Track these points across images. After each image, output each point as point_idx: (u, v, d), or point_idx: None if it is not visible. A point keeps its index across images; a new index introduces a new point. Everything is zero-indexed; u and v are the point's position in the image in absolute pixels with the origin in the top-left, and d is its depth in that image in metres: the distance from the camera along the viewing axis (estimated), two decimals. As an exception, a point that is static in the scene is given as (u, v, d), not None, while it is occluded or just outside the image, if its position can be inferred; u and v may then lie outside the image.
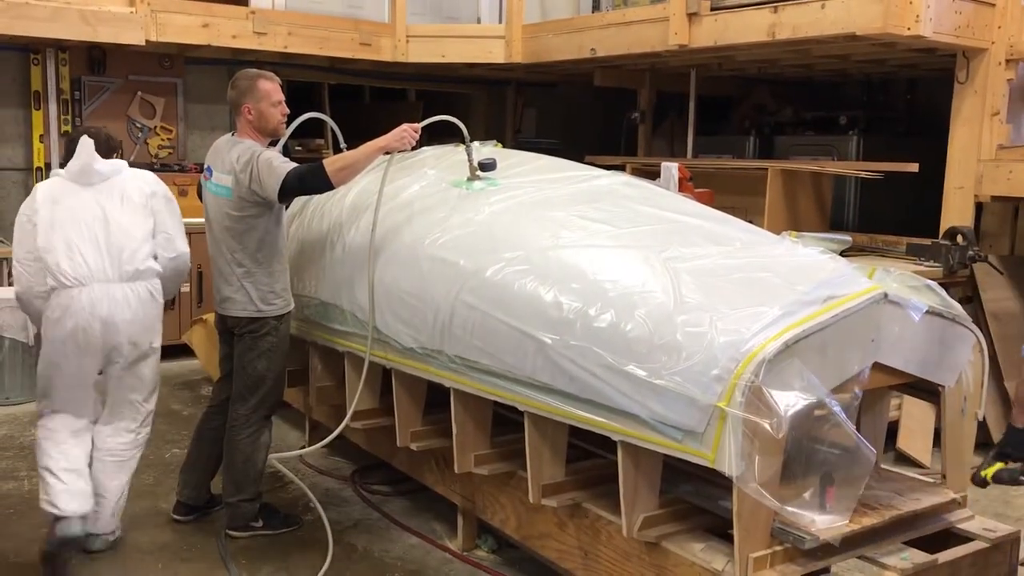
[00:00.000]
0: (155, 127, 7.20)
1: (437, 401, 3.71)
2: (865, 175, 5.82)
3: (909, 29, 4.89)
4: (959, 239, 5.13)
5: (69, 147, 3.68)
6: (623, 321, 2.75)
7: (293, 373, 4.56)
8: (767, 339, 2.51)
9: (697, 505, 2.97)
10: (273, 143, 3.80)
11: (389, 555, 3.75)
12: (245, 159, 3.59)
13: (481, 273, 3.19)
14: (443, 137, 4.59)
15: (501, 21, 7.52)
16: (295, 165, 3.57)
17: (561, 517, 3.20)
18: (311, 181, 3.54)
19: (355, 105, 9.43)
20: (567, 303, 2.91)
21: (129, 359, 3.59)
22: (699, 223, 3.27)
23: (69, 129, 6.78)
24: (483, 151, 4.00)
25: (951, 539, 2.96)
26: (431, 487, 3.97)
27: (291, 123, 3.87)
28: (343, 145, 4.00)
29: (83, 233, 3.51)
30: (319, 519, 3.79)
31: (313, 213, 4.34)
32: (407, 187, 3.86)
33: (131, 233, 3.57)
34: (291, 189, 3.56)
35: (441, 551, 3.78)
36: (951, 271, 5.11)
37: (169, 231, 3.73)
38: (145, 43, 6.35)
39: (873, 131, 7.40)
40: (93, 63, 6.88)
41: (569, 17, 7.16)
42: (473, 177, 3.73)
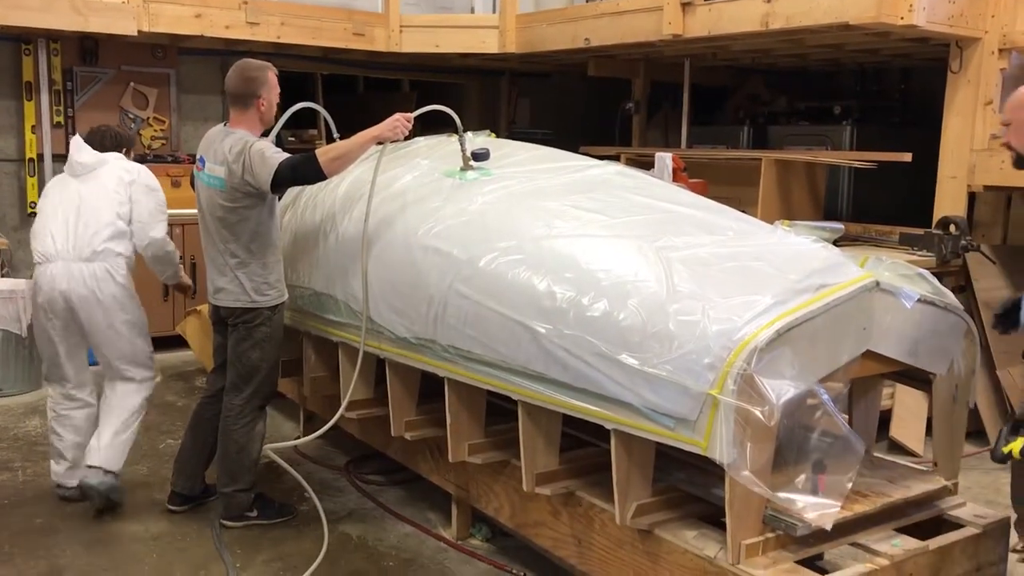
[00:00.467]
0: (148, 118, 7.17)
1: (431, 391, 3.71)
2: (859, 165, 5.83)
3: (902, 18, 4.89)
4: (952, 229, 5.14)
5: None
6: (616, 310, 2.76)
7: (287, 363, 4.57)
8: (759, 327, 2.52)
9: (690, 493, 2.98)
10: (264, 133, 3.80)
11: (384, 544, 3.76)
12: (238, 149, 3.58)
13: (474, 263, 3.20)
14: (437, 127, 4.58)
15: (495, 11, 7.49)
16: (288, 155, 3.57)
17: (555, 505, 3.21)
18: (304, 171, 3.54)
19: (349, 96, 9.40)
20: (560, 292, 2.91)
21: (96, 332, 3.90)
22: (692, 212, 3.27)
23: (61, 120, 6.77)
24: (476, 141, 3.99)
25: (942, 526, 2.98)
26: (425, 476, 3.98)
27: (284, 114, 3.87)
28: (336, 135, 4.00)
29: (58, 217, 3.91)
30: (314, 509, 3.80)
31: (306, 203, 4.33)
32: (400, 177, 3.86)
33: (98, 217, 3.89)
34: (284, 179, 3.56)
35: (436, 540, 3.80)
36: (944, 260, 5.13)
37: (143, 219, 3.98)
38: (137, 33, 6.32)
39: (867, 121, 7.40)
40: (85, 53, 6.84)
41: (563, 7, 7.13)
42: (466, 167, 3.73)
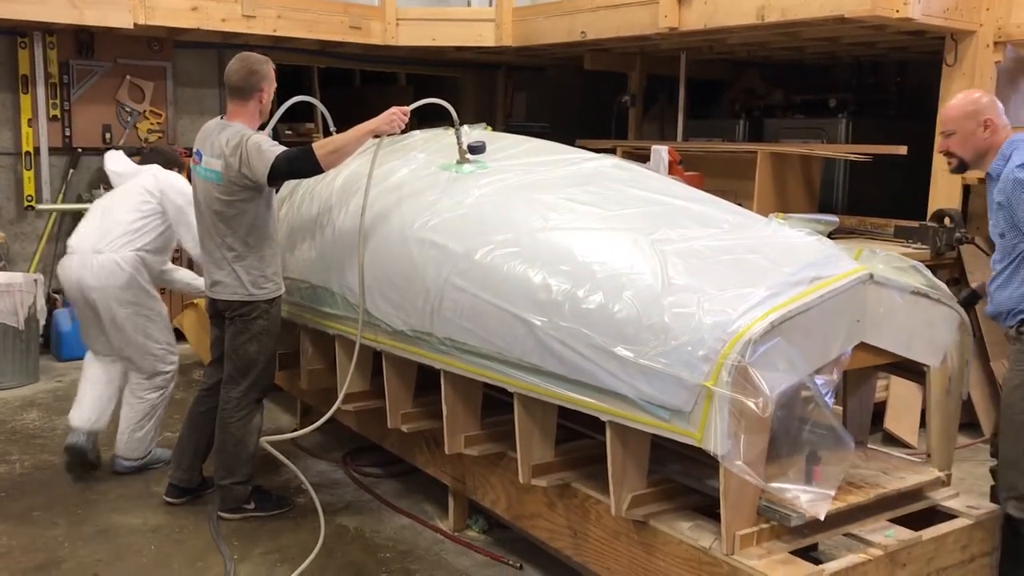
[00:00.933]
0: (144, 111, 7.16)
1: (427, 383, 3.73)
2: (854, 158, 5.84)
3: (898, 11, 4.90)
4: (946, 221, 5.16)
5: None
6: (611, 302, 2.77)
7: (284, 356, 4.58)
8: (753, 319, 2.53)
9: (685, 484, 2.99)
10: (261, 127, 3.80)
11: (380, 536, 3.78)
12: (235, 143, 3.58)
13: (470, 256, 3.21)
14: (433, 121, 4.58)
15: (491, 4, 7.47)
16: (284, 148, 3.58)
17: (551, 497, 3.22)
18: (300, 164, 3.55)
19: (345, 89, 9.40)
20: (556, 285, 2.92)
21: (105, 320, 4.19)
22: (687, 205, 3.28)
23: (58, 113, 6.76)
24: (472, 134, 4.00)
25: (936, 516, 2.99)
26: (422, 468, 4.00)
27: (280, 107, 3.88)
28: (332, 129, 4.00)
29: (90, 218, 4.36)
30: (311, 501, 3.81)
31: (303, 197, 4.34)
32: (397, 170, 3.86)
33: (118, 216, 4.24)
34: (280, 172, 3.56)
35: (432, 532, 3.82)
36: (938, 253, 5.15)
37: (173, 223, 4.30)
38: (134, 26, 6.30)
39: (862, 114, 7.42)
40: (81, 46, 6.82)
41: (559, 0, 7.13)
42: (462, 160, 3.73)
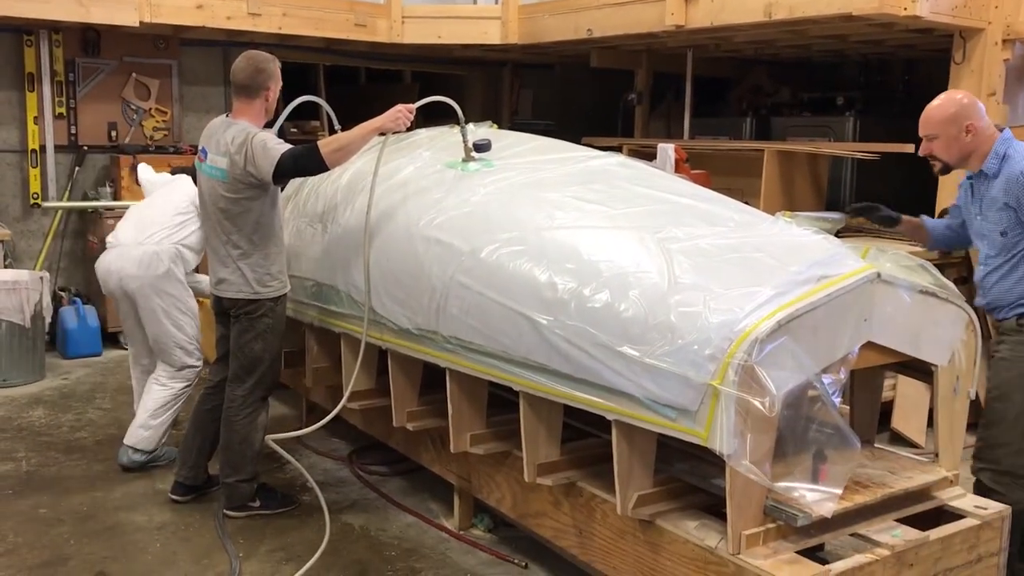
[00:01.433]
0: (150, 109, 7.17)
1: (433, 381, 3.72)
2: (861, 156, 5.81)
3: (905, 9, 4.87)
4: (954, 220, 5.12)
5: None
6: (617, 301, 2.76)
7: (290, 354, 4.58)
8: (760, 318, 2.52)
9: (691, 484, 2.99)
10: (267, 125, 3.80)
11: (386, 534, 3.78)
12: (240, 140, 3.58)
13: (476, 254, 3.20)
14: (439, 119, 4.58)
15: (497, 2, 7.46)
16: (290, 146, 3.57)
17: (556, 496, 3.22)
18: (305, 162, 3.54)
19: (351, 87, 9.39)
20: (562, 283, 2.92)
21: (144, 307, 4.31)
22: (693, 203, 3.26)
23: (63, 111, 6.78)
24: (478, 132, 3.99)
25: (943, 516, 2.98)
26: (427, 467, 3.99)
27: (286, 107, 3.88)
28: (337, 127, 4.00)
29: (128, 218, 4.58)
30: (316, 499, 3.80)
31: (308, 195, 4.34)
32: (402, 168, 3.85)
33: (159, 214, 4.41)
34: (286, 170, 3.56)
35: (437, 530, 3.82)
36: (946, 252, 5.11)
37: None
38: (139, 24, 6.31)
39: (870, 112, 7.38)
40: (87, 44, 6.84)
41: (565, -3, 7.12)
42: (468, 158, 3.73)
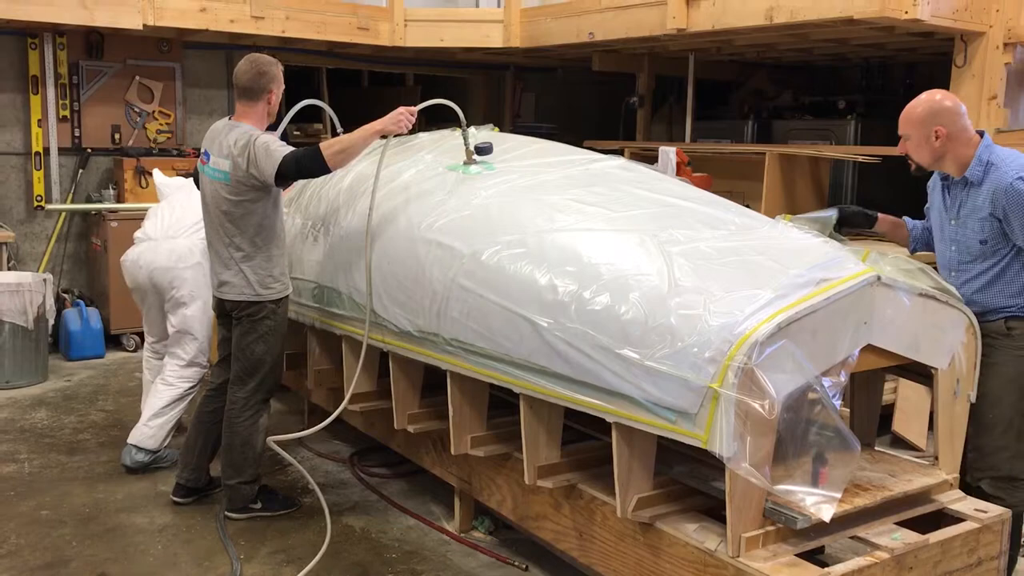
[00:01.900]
0: (153, 111, 7.19)
1: (434, 384, 3.73)
2: (863, 160, 5.82)
3: (906, 13, 4.88)
4: (955, 223, 5.12)
5: None
6: (618, 304, 2.77)
7: (291, 356, 4.59)
8: (760, 321, 2.53)
9: (691, 486, 2.99)
10: (270, 128, 3.81)
11: (387, 536, 3.78)
12: (243, 143, 3.59)
13: (477, 256, 3.21)
14: (441, 123, 4.60)
15: (500, 5, 7.49)
16: (292, 149, 3.59)
17: (557, 498, 3.22)
18: (308, 165, 3.55)
19: (353, 90, 9.42)
20: (562, 286, 2.92)
21: (170, 297, 4.41)
22: (694, 207, 3.27)
23: (67, 113, 6.80)
24: (479, 135, 4.00)
25: (943, 519, 2.98)
26: (428, 469, 4.00)
27: (290, 110, 3.89)
28: (339, 130, 4.01)
29: (155, 216, 4.68)
30: (317, 501, 3.81)
31: (311, 197, 4.35)
32: (404, 171, 3.87)
33: (190, 211, 4.44)
34: (288, 173, 3.57)
35: (438, 532, 3.82)
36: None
37: None
38: (143, 27, 6.33)
39: (871, 115, 7.39)
40: (91, 47, 6.87)
41: (567, 1, 7.12)
42: (470, 161, 3.74)
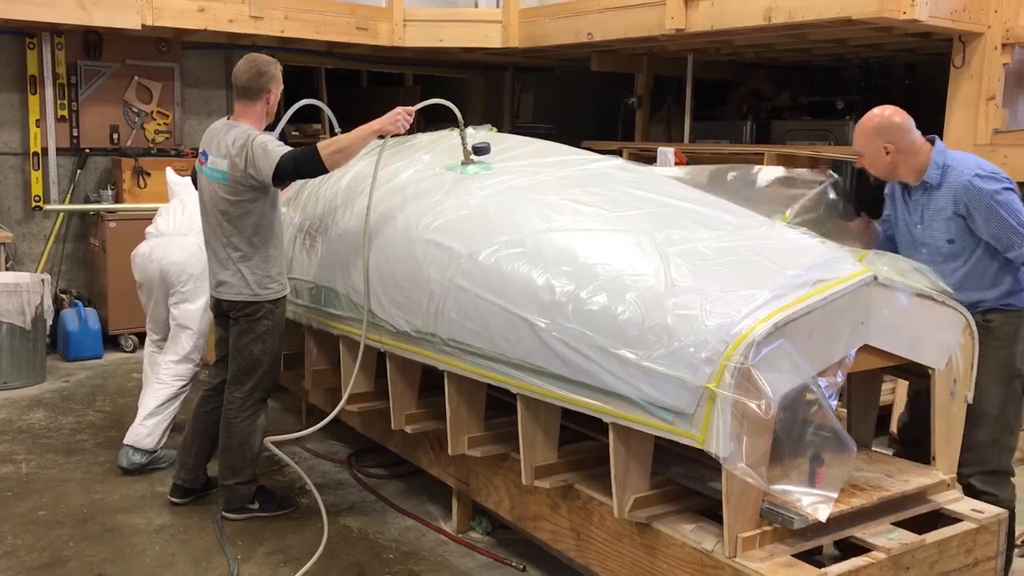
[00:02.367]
0: (152, 112, 7.18)
1: (431, 384, 3.73)
2: (861, 160, 5.81)
3: (905, 13, 4.88)
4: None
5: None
6: (615, 304, 2.77)
7: (289, 357, 4.59)
8: (756, 321, 2.53)
9: (687, 486, 2.99)
10: (269, 128, 3.81)
11: (384, 537, 3.78)
12: (240, 143, 3.59)
13: (475, 256, 3.21)
14: (439, 123, 4.60)
15: (498, 5, 7.48)
16: (289, 149, 3.59)
17: (554, 499, 3.22)
18: (305, 165, 3.55)
19: (352, 90, 9.42)
20: (559, 286, 2.92)
21: (177, 291, 4.45)
22: (691, 207, 3.27)
23: (65, 114, 6.80)
24: (477, 136, 4.00)
25: (940, 520, 2.98)
26: (426, 469, 4.00)
27: (288, 110, 3.89)
28: (337, 130, 4.01)
29: (167, 214, 4.76)
30: (315, 502, 3.81)
31: (308, 197, 4.35)
32: (401, 171, 3.86)
33: (194, 217, 4.31)
34: (286, 172, 3.57)
35: (436, 533, 3.82)
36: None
37: None
38: (141, 27, 6.33)
39: (870, 116, 7.37)
40: (89, 47, 6.86)
41: (566, 1, 7.12)
42: (467, 161, 3.74)
